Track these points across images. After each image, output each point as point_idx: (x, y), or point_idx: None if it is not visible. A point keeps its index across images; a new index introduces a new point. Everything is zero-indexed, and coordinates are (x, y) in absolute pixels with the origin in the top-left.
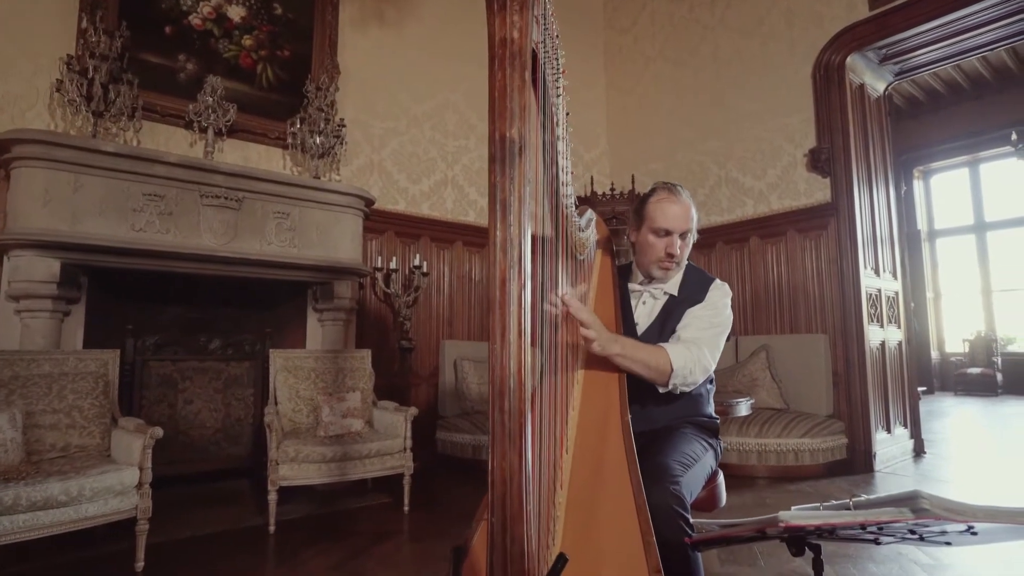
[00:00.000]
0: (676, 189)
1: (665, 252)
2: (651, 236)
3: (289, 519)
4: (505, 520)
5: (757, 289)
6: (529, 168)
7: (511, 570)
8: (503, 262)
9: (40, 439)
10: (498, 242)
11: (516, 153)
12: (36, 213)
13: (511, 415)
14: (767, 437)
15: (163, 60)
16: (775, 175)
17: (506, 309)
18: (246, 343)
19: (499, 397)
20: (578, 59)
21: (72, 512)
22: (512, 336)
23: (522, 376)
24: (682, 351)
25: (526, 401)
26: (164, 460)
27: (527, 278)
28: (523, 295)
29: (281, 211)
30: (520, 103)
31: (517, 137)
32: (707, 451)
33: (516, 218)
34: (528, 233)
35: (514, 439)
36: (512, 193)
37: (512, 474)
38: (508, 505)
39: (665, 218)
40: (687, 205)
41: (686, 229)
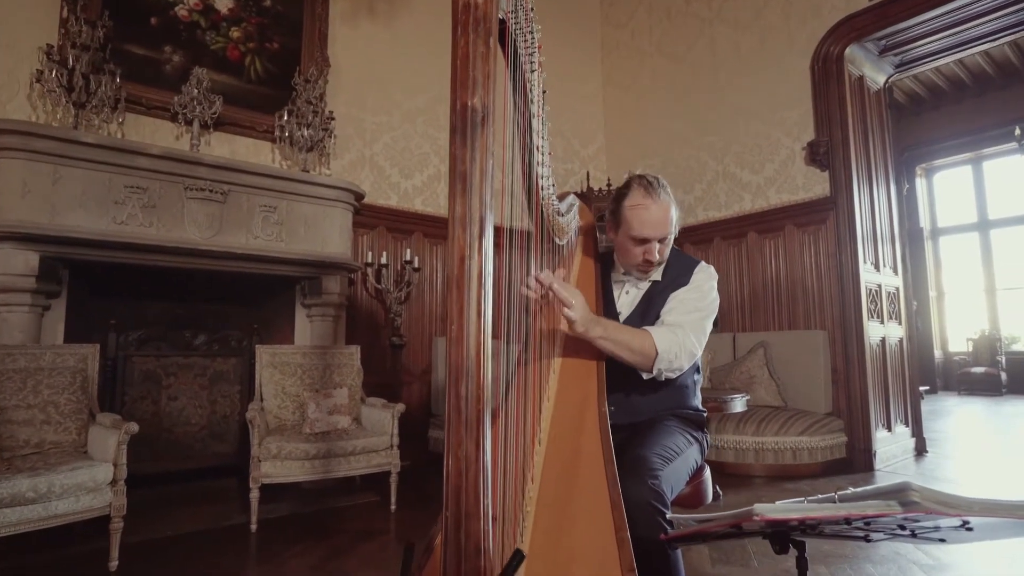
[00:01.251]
0: (652, 188)
1: (643, 259)
2: (628, 242)
3: (273, 518)
4: (460, 514)
5: (755, 285)
6: (493, 140)
7: (465, 568)
8: (462, 238)
9: (13, 435)
10: (457, 217)
11: (478, 123)
12: (14, 205)
13: (468, 400)
14: (764, 435)
15: (148, 52)
16: (773, 169)
17: (464, 288)
18: (232, 339)
19: (456, 381)
20: (575, 55)
21: (41, 510)
22: (471, 316)
23: (481, 359)
24: (667, 334)
25: (485, 387)
26: (148, 458)
27: (488, 255)
28: (483, 273)
29: (268, 204)
30: (484, 71)
31: (479, 106)
32: (691, 445)
33: (477, 192)
34: (490, 208)
35: (471, 426)
36: (473, 165)
37: (468, 464)
38: (463, 498)
39: (642, 226)
40: (665, 205)
41: (665, 234)
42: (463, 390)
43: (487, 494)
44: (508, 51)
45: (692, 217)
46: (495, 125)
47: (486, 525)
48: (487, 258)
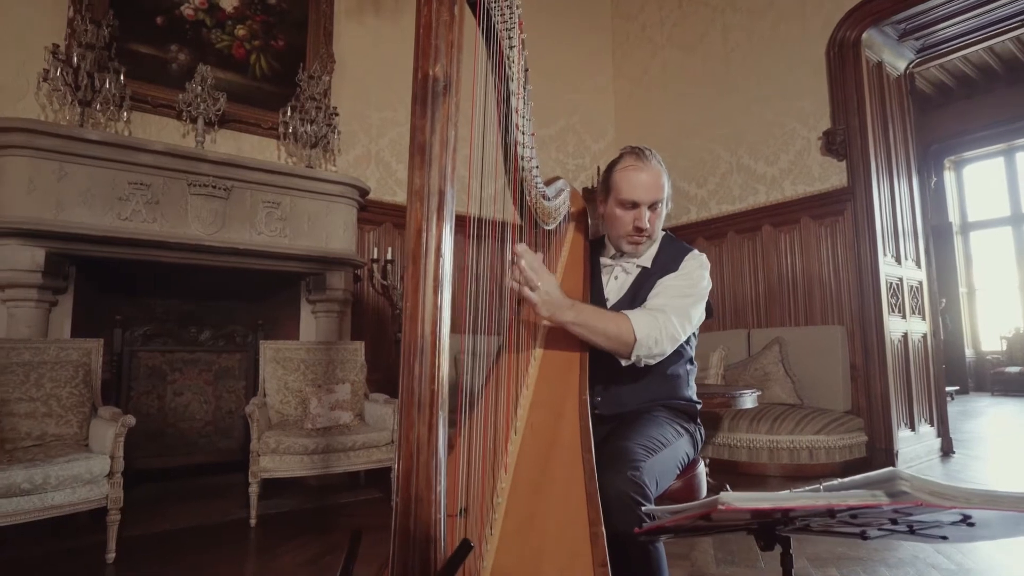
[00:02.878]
0: (644, 154)
1: (633, 226)
2: (618, 209)
3: (274, 513)
4: (410, 500)
5: (770, 279)
6: (456, 111)
7: (413, 556)
8: (419, 211)
9: (15, 427)
10: (415, 190)
11: (439, 92)
12: (20, 201)
13: (422, 380)
14: (779, 434)
15: (154, 51)
16: (788, 160)
17: (420, 262)
18: (237, 334)
19: (410, 359)
20: (585, 48)
21: (37, 500)
22: (427, 292)
23: (436, 337)
24: (647, 318)
25: (441, 366)
26: (153, 453)
27: (448, 229)
28: (442, 247)
29: (271, 200)
30: (447, 39)
31: (441, 75)
32: (680, 436)
33: (437, 163)
34: (451, 181)
35: (424, 408)
36: (433, 136)
37: (420, 448)
38: (414, 483)
39: (632, 188)
40: (657, 172)
41: (656, 199)
42: (417, 369)
43: (440, 480)
44: (480, 22)
45: (705, 211)
46: (458, 96)
47: (438, 513)
48: (446, 232)
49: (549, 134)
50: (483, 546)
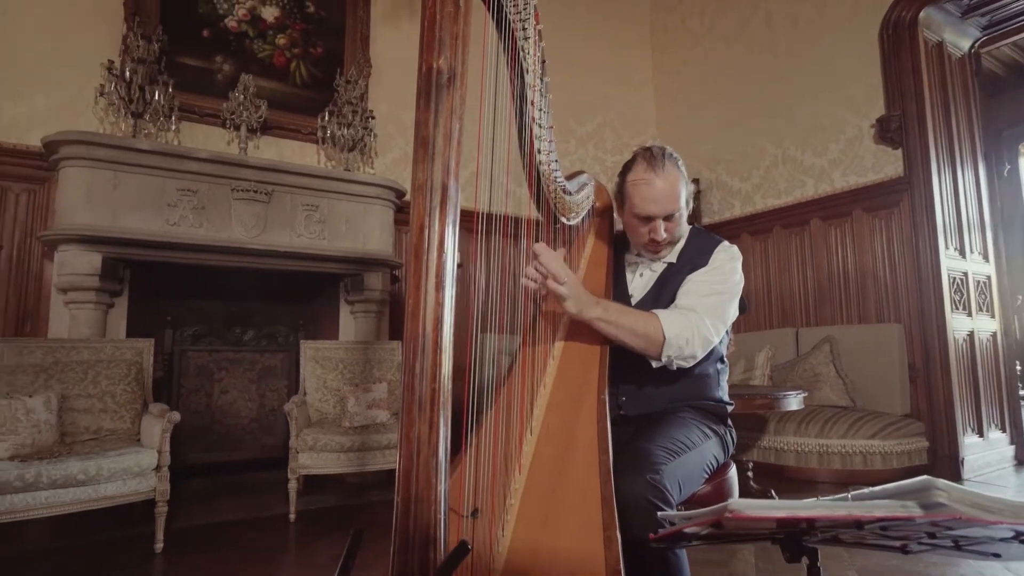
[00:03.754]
0: (656, 161)
1: (649, 238)
2: (634, 220)
3: (313, 509)
4: (409, 500)
5: (820, 276)
6: (461, 104)
7: (412, 557)
8: (422, 206)
9: (74, 422)
10: (418, 184)
11: (443, 85)
12: (80, 209)
13: (423, 378)
14: (829, 437)
15: (201, 62)
16: (838, 150)
17: (422, 258)
18: (279, 335)
19: (411, 358)
20: (622, 43)
21: (91, 491)
22: (429, 288)
23: (438, 334)
24: (677, 318)
25: (442, 364)
26: (202, 448)
27: (451, 224)
28: (444, 243)
29: (310, 203)
30: (452, 31)
31: (445, 68)
32: (708, 439)
33: (440, 157)
34: (455, 175)
35: (424, 406)
36: (436, 129)
37: (420, 447)
38: (414, 483)
39: (644, 203)
40: (671, 179)
41: (670, 211)
42: (417, 367)
43: (440, 480)
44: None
45: (750, 206)
46: (464, 89)
47: (438, 513)
48: (449, 227)
49: (587, 131)
50: (494, 548)
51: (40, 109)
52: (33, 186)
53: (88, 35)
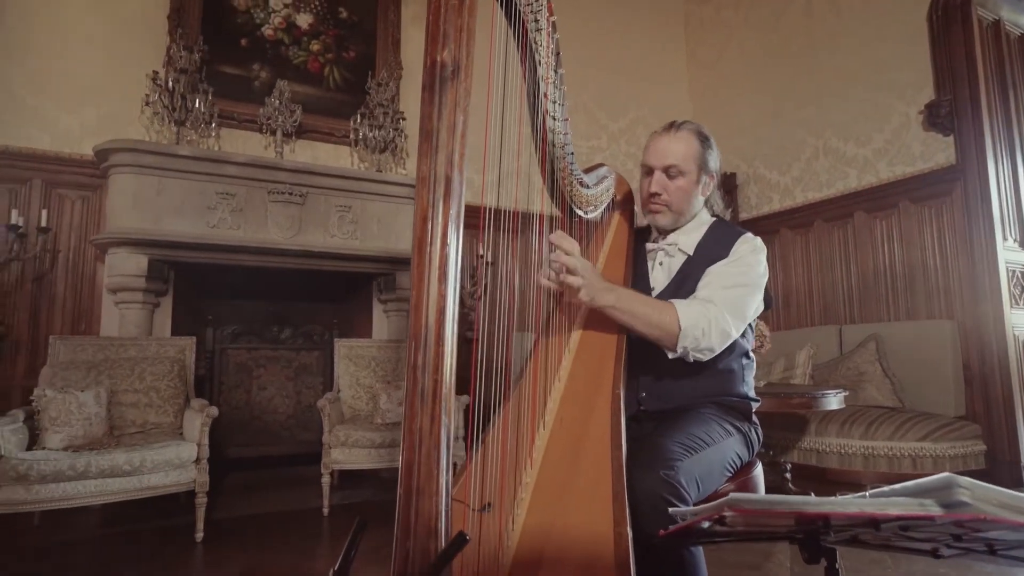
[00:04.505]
0: (675, 123)
1: (647, 192)
2: (642, 178)
3: (346, 503)
4: (411, 491)
5: (864, 271)
6: (465, 96)
7: (413, 548)
8: (425, 198)
9: (122, 415)
10: (422, 177)
11: (447, 78)
12: (127, 214)
13: (424, 370)
14: (875, 439)
15: (239, 70)
16: (883, 139)
17: (425, 250)
18: (315, 333)
19: (414, 349)
20: (655, 36)
21: (136, 481)
22: (432, 280)
23: (441, 327)
24: (694, 309)
25: (445, 356)
26: (242, 443)
27: (455, 218)
28: (447, 235)
29: (343, 204)
30: (456, 24)
31: (449, 61)
32: (730, 436)
33: (444, 149)
34: (459, 168)
35: (426, 398)
36: (440, 122)
37: (422, 439)
38: (415, 475)
39: (647, 153)
40: (681, 138)
41: (669, 164)
42: (419, 359)
43: (442, 471)
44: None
45: (789, 199)
46: (468, 81)
47: (439, 505)
48: (452, 219)
49: (619, 127)
50: (504, 541)
51: (92, 120)
52: (87, 193)
53: (135, 48)
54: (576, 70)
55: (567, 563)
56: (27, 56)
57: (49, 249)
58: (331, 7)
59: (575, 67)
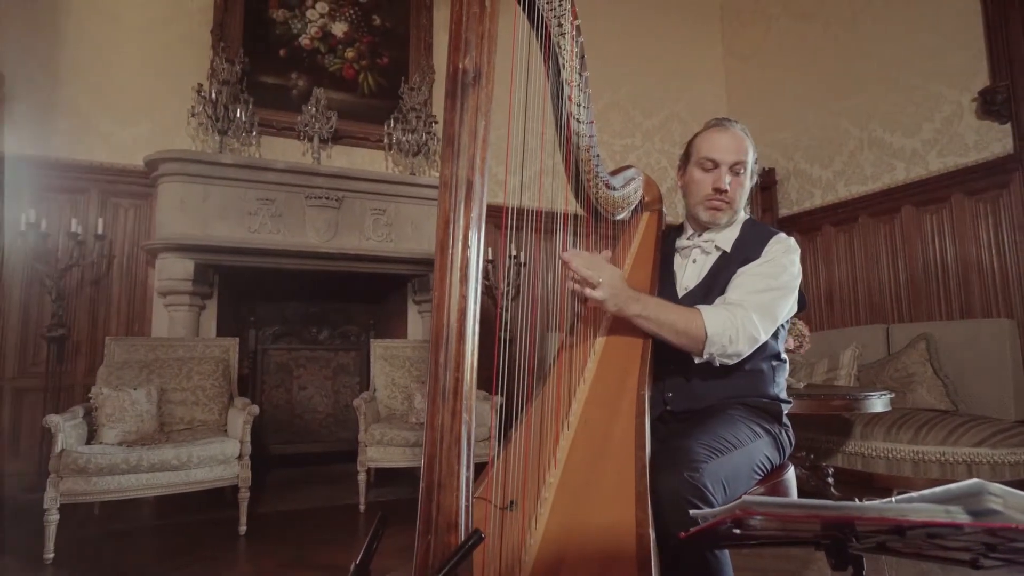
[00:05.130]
0: (727, 122)
1: (712, 187)
2: (697, 172)
3: (382, 500)
4: (432, 486)
5: (913, 267)
6: (487, 101)
7: (434, 541)
8: (447, 201)
9: (171, 413)
10: (444, 180)
11: (469, 84)
12: (175, 220)
13: (446, 368)
14: (925, 444)
15: (278, 80)
16: (932, 129)
17: (447, 252)
18: (352, 334)
19: (436, 348)
20: (690, 31)
21: (183, 475)
22: (453, 281)
23: (463, 326)
24: (721, 315)
25: (465, 355)
26: (283, 440)
27: (476, 220)
28: (468, 237)
29: (378, 208)
30: (477, 31)
31: (471, 67)
32: (759, 438)
33: (465, 154)
34: (480, 171)
35: (447, 395)
36: (461, 127)
37: (443, 435)
38: (436, 470)
39: (711, 147)
40: (740, 136)
41: (736, 161)
42: (441, 357)
43: (463, 467)
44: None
45: (831, 194)
46: (490, 87)
47: (459, 501)
48: (474, 222)
49: (653, 124)
50: (526, 540)
51: (144, 132)
52: (139, 201)
53: (183, 63)
54: (610, 68)
55: (589, 563)
56: (88, 75)
57: (105, 255)
58: (365, 15)
59: (609, 65)
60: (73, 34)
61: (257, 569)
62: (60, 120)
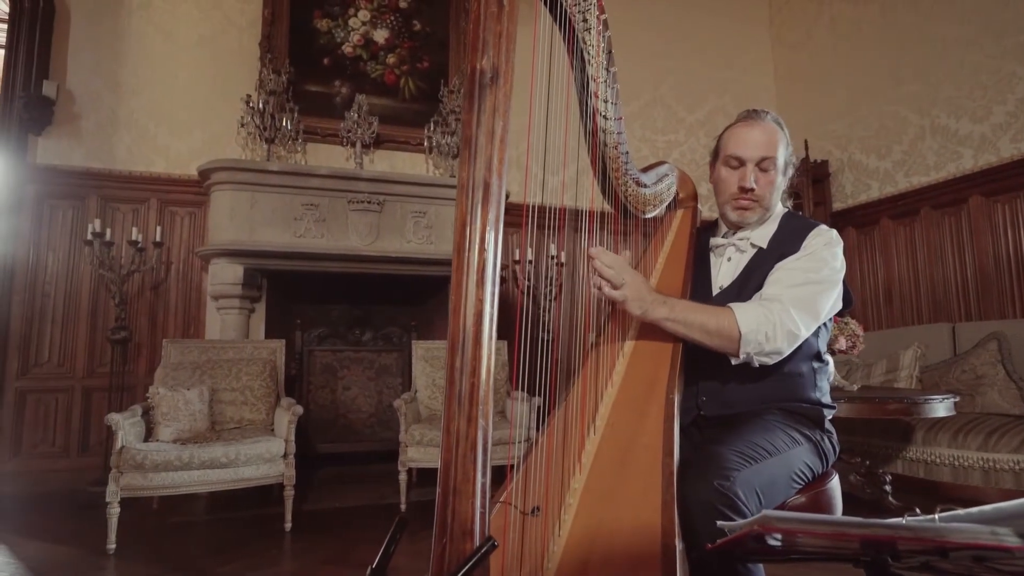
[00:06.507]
0: (758, 113)
1: (737, 186)
2: (723, 170)
3: (423, 500)
4: (448, 491)
5: (982, 262)
6: (505, 101)
7: (449, 547)
8: (464, 203)
9: (222, 412)
10: (462, 183)
11: (486, 84)
12: (225, 227)
13: (463, 373)
14: (997, 451)
15: (322, 88)
16: (1004, 113)
17: (464, 254)
18: (394, 335)
19: (452, 352)
20: (737, 19)
21: (232, 473)
22: (470, 285)
23: (479, 330)
24: (755, 311)
25: (482, 359)
26: (328, 439)
27: (493, 222)
28: (485, 240)
29: (418, 210)
30: (495, 31)
31: (488, 68)
32: (798, 445)
33: (482, 155)
34: (498, 173)
35: (463, 401)
36: (479, 128)
37: (459, 441)
38: (452, 476)
39: (736, 143)
40: (770, 129)
41: (764, 156)
42: (457, 362)
43: (479, 473)
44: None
45: (890, 186)
46: (508, 86)
47: (474, 507)
48: (491, 224)
49: (697, 119)
50: (549, 547)
51: (197, 143)
52: (193, 209)
53: (232, 75)
54: (652, 63)
55: (613, 572)
56: (147, 91)
57: (163, 261)
58: (405, 20)
59: (651, 60)
60: (133, 53)
61: (301, 565)
62: (122, 134)
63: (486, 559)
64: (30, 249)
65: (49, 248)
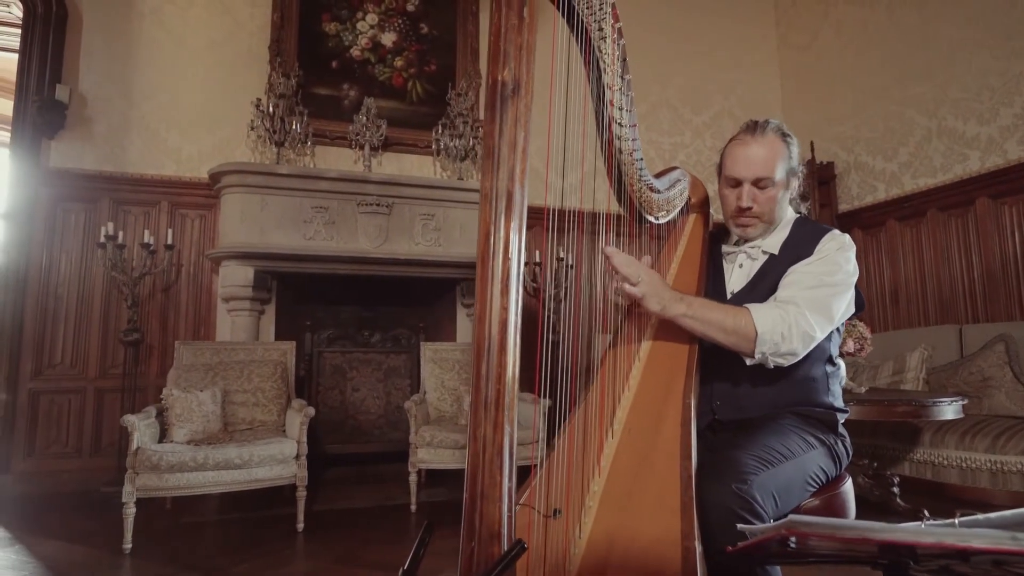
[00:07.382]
0: (757, 127)
1: (735, 206)
2: (724, 188)
3: (433, 501)
4: (476, 496)
5: (989, 263)
6: (526, 111)
7: (477, 550)
8: (488, 213)
9: (234, 413)
10: (485, 192)
11: (507, 96)
12: (236, 230)
13: (488, 380)
14: (1005, 453)
15: (331, 91)
16: (1012, 114)
17: (488, 264)
18: (403, 337)
19: (478, 359)
20: (743, 21)
21: (245, 474)
22: (494, 293)
23: (504, 338)
24: (771, 312)
25: (507, 366)
26: (338, 440)
27: (516, 231)
28: (509, 248)
29: (427, 213)
30: (516, 43)
31: (510, 79)
32: (812, 448)
33: (505, 165)
34: (520, 183)
35: (490, 407)
36: (501, 139)
37: (486, 446)
38: (479, 480)
39: (733, 163)
40: (768, 145)
41: (759, 176)
42: (483, 369)
43: (505, 477)
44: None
45: (896, 187)
46: (529, 97)
47: (501, 510)
48: (514, 233)
49: (703, 121)
50: (570, 550)
51: (208, 147)
52: (204, 212)
53: (242, 78)
54: (658, 65)
55: (633, 575)
56: (158, 95)
57: (174, 264)
58: (413, 24)
59: (657, 62)
60: (144, 57)
61: (314, 565)
62: (134, 138)
63: (515, 562)
64: (43, 252)
65: (62, 250)
